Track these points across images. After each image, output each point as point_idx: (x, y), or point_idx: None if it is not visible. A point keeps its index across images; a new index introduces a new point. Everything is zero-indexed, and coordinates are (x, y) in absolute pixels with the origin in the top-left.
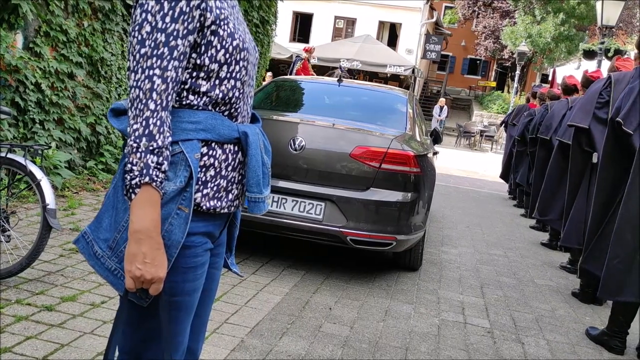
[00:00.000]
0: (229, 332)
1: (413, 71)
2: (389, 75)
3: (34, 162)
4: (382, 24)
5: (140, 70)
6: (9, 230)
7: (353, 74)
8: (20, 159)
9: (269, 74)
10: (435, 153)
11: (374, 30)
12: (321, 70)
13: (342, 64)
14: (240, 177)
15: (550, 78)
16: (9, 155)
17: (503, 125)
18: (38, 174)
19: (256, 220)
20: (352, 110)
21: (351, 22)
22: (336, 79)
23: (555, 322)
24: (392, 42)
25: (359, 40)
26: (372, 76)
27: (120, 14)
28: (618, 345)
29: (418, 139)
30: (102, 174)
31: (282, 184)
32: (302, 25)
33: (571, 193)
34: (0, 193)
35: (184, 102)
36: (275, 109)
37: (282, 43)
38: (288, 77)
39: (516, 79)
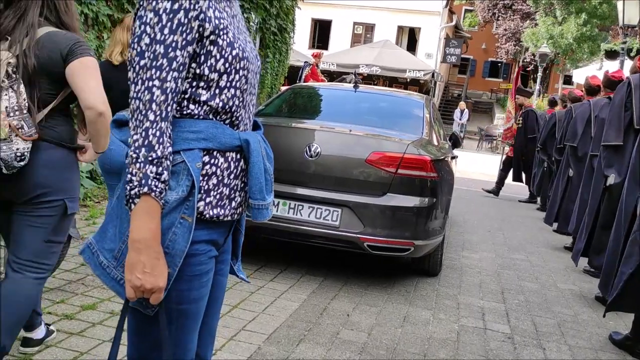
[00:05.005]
0: (246, 340)
1: (433, 75)
2: (408, 80)
3: None
4: (401, 28)
5: (140, 82)
6: None
7: (357, 81)
8: None
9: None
10: (453, 157)
11: (393, 35)
12: (337, 76)
13: (356, 70)
14: (242, 185)
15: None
16: None
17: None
18: None
19: (273, 227)
20: (369, 115)
21: (370, 28)
22: (349, 84)
23: (577, 327)
24: (412, 46)
25: (377, 45)
26: (391, 81)
27: None
28: None
29: (435, 143)
30: None
31: (299, 190)
32: (321, 32)
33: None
34: None
35: (184, 112)
36: (291, 116)
37: (302, 50)
38: (305, 83)
39: (538, 80)
